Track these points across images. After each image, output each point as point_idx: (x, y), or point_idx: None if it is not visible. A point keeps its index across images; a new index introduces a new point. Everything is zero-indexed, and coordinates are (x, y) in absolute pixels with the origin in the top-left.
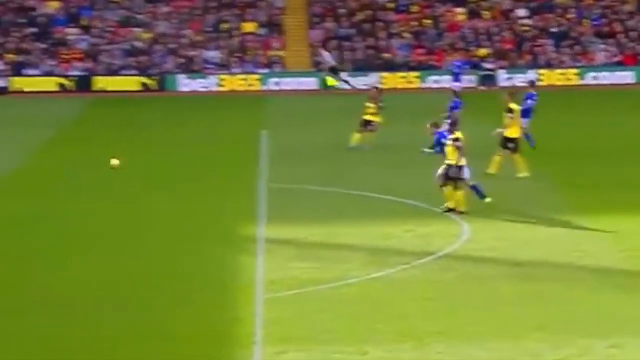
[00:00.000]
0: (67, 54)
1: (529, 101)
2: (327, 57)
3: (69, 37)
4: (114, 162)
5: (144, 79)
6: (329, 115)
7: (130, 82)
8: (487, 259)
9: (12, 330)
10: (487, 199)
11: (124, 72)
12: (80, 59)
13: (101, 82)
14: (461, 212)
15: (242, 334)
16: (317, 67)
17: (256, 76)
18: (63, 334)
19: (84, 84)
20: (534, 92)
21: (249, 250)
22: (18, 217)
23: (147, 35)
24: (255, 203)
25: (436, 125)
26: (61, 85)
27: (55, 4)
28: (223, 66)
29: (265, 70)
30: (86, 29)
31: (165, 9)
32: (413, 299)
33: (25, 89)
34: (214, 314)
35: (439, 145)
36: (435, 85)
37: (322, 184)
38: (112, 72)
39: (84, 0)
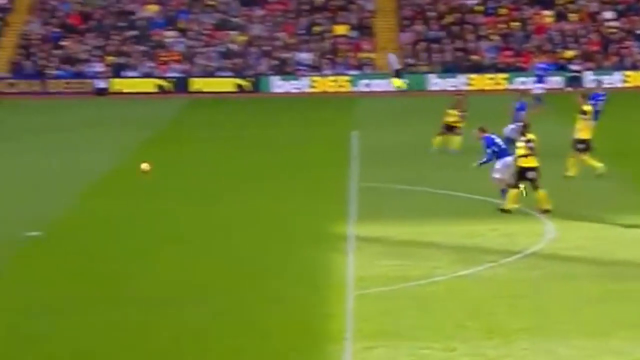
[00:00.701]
0: (165, 56)
1: (593, 102)
2: (393, 60)
3: (167, 40)
4: (145, 166)
5: (238, 81)
6: (418, 116)
7: (225, 84)
8: (573, 257)
9: (109, 323)
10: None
11: (219, 73)
12: (178, 61)
13: (198, 84)
14: (546, 211)
15: (334, 330)
16: (405, 68)
17: (347, 78)
18: (158, 328)
19: (181, 85)
20: (601, 93)
21: (340, 249)
22: (116, 215)
23: (242, 38)
24: (345, 202)
25: (483, 130)
26: (159, 86)
27: (154, 8)
28: (315, 68)
29: (356, 72)
30: (183, 32)
31: (259, 12)
32: (500, 297)
33: (125, 90)
34: (306, 311)
35: (491, 149)
36: (522, 87)
37: (411, 183)
38: (208, 74)
39: (181, 4)
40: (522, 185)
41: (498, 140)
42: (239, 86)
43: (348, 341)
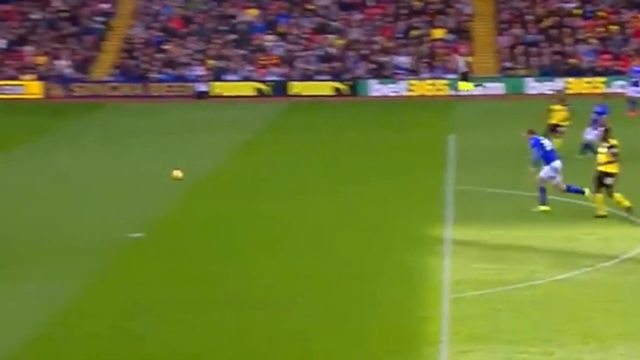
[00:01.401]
0: (264, 60)
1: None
2: (461, 63)
3: (267, 44)
4: (177, 173)
5: (336, 84)
6: (514, 120)
7: (323, 87)
8: None
9: (206, 324)
10: (586, 190)
11: (318, 77)
12: (277, 65)
13: (296, 88)
14: (629, 208)
15: (430, 333)
16: (502, 72)
17: (444, 81)
18: (253, 329)
19: (279, 89)
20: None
21: (436, 252)
22: (215, 217)
23: (340, 42)
24: (442, 205)
25: (532, 132)
26: (258, 90)
27: (254, 12)
28: (413, 72)
29: (454, 76)
30: (283, 36)
31: (358, 16)
32: (597, 301)
33: (225, 94)
34: (402, 313)
35: (537, 150)
36: (620, 91)
37: (507, 187)
38: (307, 77)
39: (281, 8)
40: (586, 190)
41: (544, 143)
42: (337, 90)
43: (444, 344)
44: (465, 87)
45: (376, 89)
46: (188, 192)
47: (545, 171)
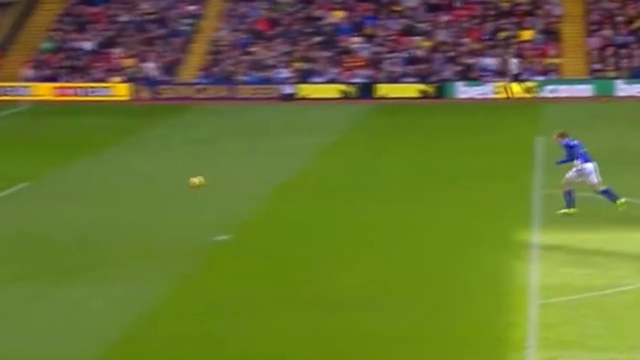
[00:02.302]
0: (350, 62)
1: None
2: (514, 65)
3: (353, 46)
4: (196, 180)
5: (423, 87)
6: (603, 122)
7: (409, 90)
8: None
9: (293, 325)
10: (621, 200)
11: (404, 79)
12: (363, 67)
13: (382, 90)
14: None
15: (516, 338)
16: (592, 74)
17: (532, 83)
18: (339, 331)
19: (365, 91)
20: None
21: (523, 256)
22: (301, 218)
23: (427, 44)
24: (529, 209)
25: (563, 134)
26: (344, 92)
27: (341, 14)
28: (500, 74)
29: (542, 78)
30: (369, 38)
31: (445, 17)
32: None
33: (310, 96)
34: (487, 318)
35: (568, 153)
36: None
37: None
38: (393, 79)
39: (367, 10)
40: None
41: (578, 144)
42: (423, 92)
43: (530, 350)
44: (518, 89)
45: (463, 91)
46: (274, 193)
47: (572, 174)
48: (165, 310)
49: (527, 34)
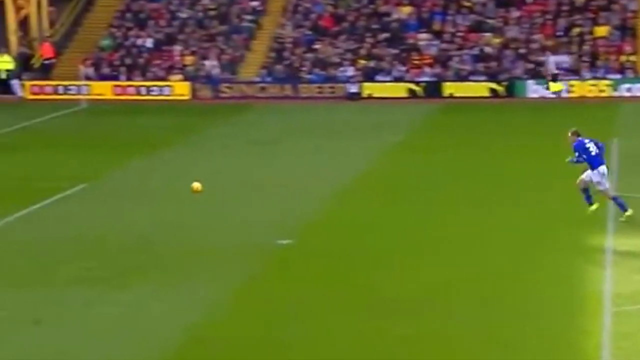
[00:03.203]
0: (417, 60)
1: None
2: (552, 64)
3: (420, 43)
4: (197, 185)
5: (492, 85)
6: None
7: (478, 88)
8: None
9: (355, 329)
10: (629, 212)
11: (473, 77)
12: (430, 65)
13: (450, 88)
14: None
15: (590, 346)
16: None
17: (607, 82)
18: (404, 336)
19: (432, 89)
20: None
21: (596, 261)
22: (366, 220)
23: (497, 40)
24: (603, 213)
25: (577, 133)
26: (411, 91)
27: (408, 9)
28: (573, 71)
29: (617, 76)
30: (437, 34)
31: (516, 13)
32: None
33: (376, 95)
34: (559, 325)
35: (580, 153)
36: None
37: None
38: (461, 78)
39: (436, 5)
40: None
41: (589, 147)
42: (493, 91)
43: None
44: (556, 88)
45: (534, 90)
46: (338, 194)
47: (588, 175)
48: (228, 313)
49: (602, 30)
